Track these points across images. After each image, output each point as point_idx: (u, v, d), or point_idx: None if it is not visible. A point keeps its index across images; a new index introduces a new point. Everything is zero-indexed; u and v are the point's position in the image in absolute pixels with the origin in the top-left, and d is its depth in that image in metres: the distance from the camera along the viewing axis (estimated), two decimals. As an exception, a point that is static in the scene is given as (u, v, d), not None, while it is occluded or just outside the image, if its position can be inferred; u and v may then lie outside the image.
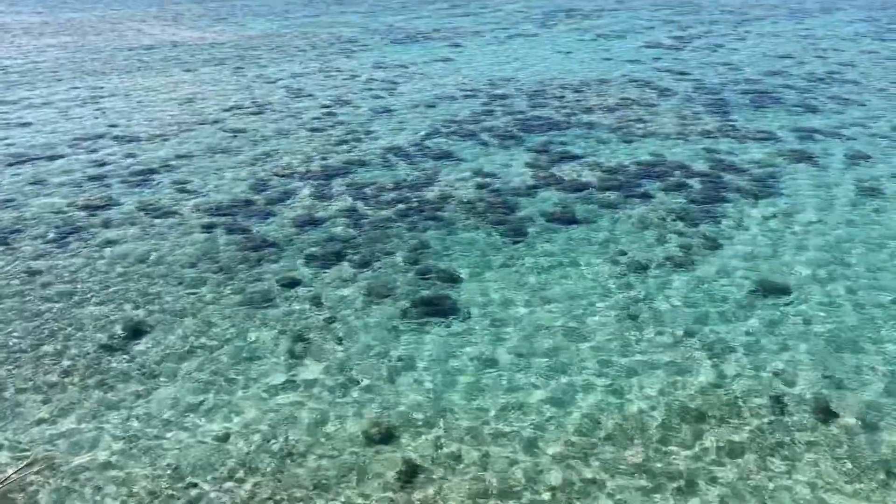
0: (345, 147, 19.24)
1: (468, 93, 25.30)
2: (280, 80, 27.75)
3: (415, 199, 15.55)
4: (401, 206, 15.22)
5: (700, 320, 10.72)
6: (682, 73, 27.93)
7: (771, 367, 9.57)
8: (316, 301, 11.44)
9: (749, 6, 50.93)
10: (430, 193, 15.88)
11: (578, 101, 23.89)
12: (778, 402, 8.87)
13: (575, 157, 18.09)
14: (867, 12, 46.17)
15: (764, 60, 30.26)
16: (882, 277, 11.87)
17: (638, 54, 32.37)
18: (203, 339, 10.40)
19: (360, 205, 15.32)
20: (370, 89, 26.14)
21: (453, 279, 12.08)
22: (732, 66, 29.29)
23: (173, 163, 18.00)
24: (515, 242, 13.44)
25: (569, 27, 41.72)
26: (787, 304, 11.09)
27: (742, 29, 39.78)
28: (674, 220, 14.25)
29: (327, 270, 12.46)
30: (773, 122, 20.85)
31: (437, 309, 11.16)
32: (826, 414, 8.68)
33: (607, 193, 15.70)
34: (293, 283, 12.00)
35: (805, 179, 16.28)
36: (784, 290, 11.50)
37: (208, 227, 14.19)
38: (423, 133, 20.35)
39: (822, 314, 10.81)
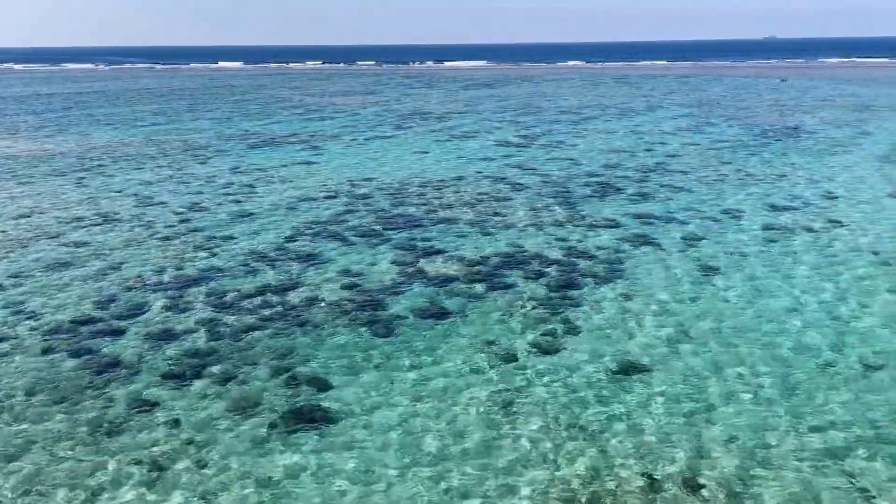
0: (202, 254, 18.53)
1: (330, 194, 25.42)
2: (127, 189, 26.63)
3: (279, 305, 15.09)
4: (265, 312, 14.70)
5: (569, 405, 10.93)
6: (531, 169, 29.69)
7: (644, 446, 9.84)
8: (174, 423, 10.58)
9: (584, 107, 55.71)
10: (296, 297, 15.50)
11: (438, 197, 24.64)
12: (651, 480, 9.07)
13: (439, 252, 18.45)
14: (686, 109, 51.85)
15: (602, 155, 32.88)
16: (730, 348, 12.74)
17: (489, 152, 34.18)
18: (43, 482, 9.24)
19: (220, 314, 14.64)
20: (228, 194, 25.64)
21: (324, 386, 11.66)
22: (575, 160, 31.57)
23: (4, 283, 16.49)
24: (386, 341, 13.27)
25: (424, 129, 43.54)
26: (649, 382, 11.58)
27: (580, 127, 43.26)
28: (536, 308, 14.71)
29: (186, 388, 11.64)
30: (616, 211, 22.45)
31: (309, 419, 10.66)
32: (694, 488, 8.96)
33: (472, 285, 16.03)
34: (148, 406, 11.08)
35: (650, 261, 17.47)
36: (644, 369, 12.03)
37: (47, 351, 12.95)
38: (285, 236, 20.07)
39: (682, 388, 11.36)
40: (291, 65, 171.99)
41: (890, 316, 13.94)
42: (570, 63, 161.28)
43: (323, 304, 15.13)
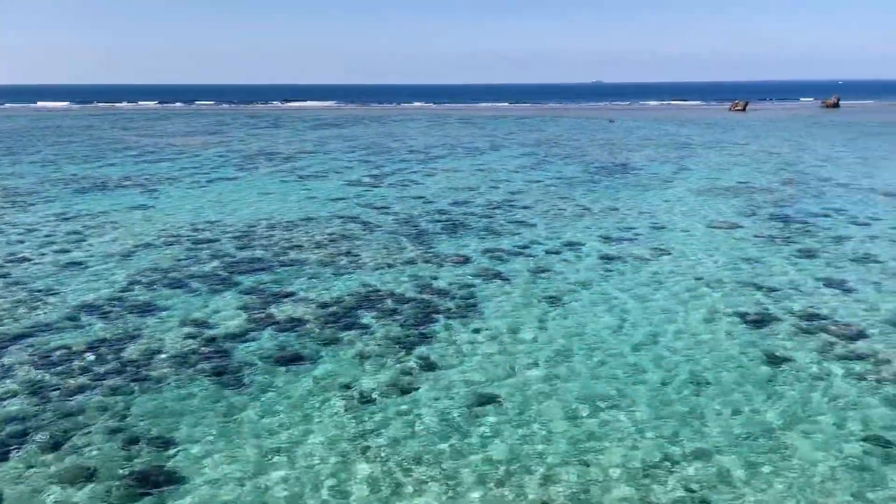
0: (22, 310, 16.83)
1: (169, 240, 24.09)
2: (-66, 240, 23.78)
3: (114, 360, 13.96)
4: (98, 369, 13.52)
5: (427, 443, 10.90)
6: (382, 208, 29.85)
7: (499, 477, 9.97)
8: (-10, 501, 9.39)
9: (431, 146, 57.10)
10: (133, 351, 14.41)
11: (287, 239, 24.08)
12: (510, 511, 9.20)
13: (289, 295, 17.95)
14: (527, 148, 54.58)
15: (450, 192, 33.75)
16: (579, 375, 13.32)
17: (340, 192, 34.02)
18: None
19: (46, 374, 13.29)
20: (53, 243, 23.59)
21: (167, 445, 10.85)
22: (425, 198, 32.15)
23: None
24: (235, 392, 12.63)
25: (270, 169, 42.60)
26: (504, 413, 11.82)
27: (429, 166, 44.23)
28: (391, 347, 14.65)
29: (8, 459, 10.39)
30: (466, 246, 23.02)
31: (153, 483, 9.85)
32: (552, 512, 9.20)
33: (325, 328, 15.70)
34: (-43, 484, 9.75)
35: (500, 295, 18.01)
36: (498, 401, 12.28)
37: None
38: (120, 286, 18.70)
39: (536, 418, 11.69)
40: (122, 104, 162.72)
41: (714, 337, 15.21)
42: (416, 104, 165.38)
43: (164, 356, 14.17)
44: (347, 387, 12.83)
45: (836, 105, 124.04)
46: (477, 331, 15.57)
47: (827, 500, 9.38)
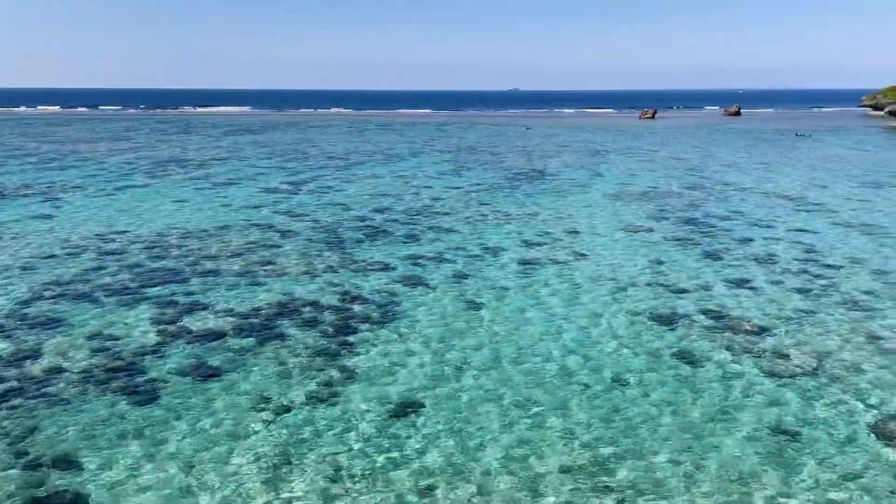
0: None
1: (74, 251, 22.91)
2: None
3: (15, 379, 13.13)
4: (-5, 390, 12.67)
5: (351, 451, 10.74)
6: (300, 215, 29.36)
7: (427, 480, 9.93)
8: None
9: (350, 153, 56.66)
10: (36, 368, 13.60)
11: (201, 249, 23.32)
12: (436, 518, 9.17)
13: (204, 307, 17.37)
14: (446, 155, 54.93)
15: (370, 199, 33.55)
16: (501, 376, 13.44)
17: (256, 200, 33.25)
18: None
19: (-64, 398, 12.35)
20: (-57, 257, 22.00)
21: (74, 467, 10.27)
22: (344, 205, 31.83)
23: None
24: (147, 409, 12.09)
25: (182, 177, 41.21)
26: (428, 417, 11.78)
27: (348, 173, 43.84)
28: (312, 357, 14.39)
29: None
30: (387, 253, 22.92)
31: (56, 508, 9.29)
32: (478, 517, 9.22)
33: (243, 339, 15.27)
34: None
35: (422, 301, 18.00)
36: (421, 405, 12.25)
37: None
38: (20, 300, 17.62)
39: (461, 420, 11.72)
40: (21, 109, 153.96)
41: (632, 337, 15.68)
42: (334, 110, 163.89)
43: (69, 373, 13.43)
44: (268, 399, 12.52)
45: (737, 113, 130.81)
46: (397, 336, 15.50)
47: (747, 491, 9.79)
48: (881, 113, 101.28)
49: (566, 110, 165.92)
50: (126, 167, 45.79)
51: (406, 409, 12.16)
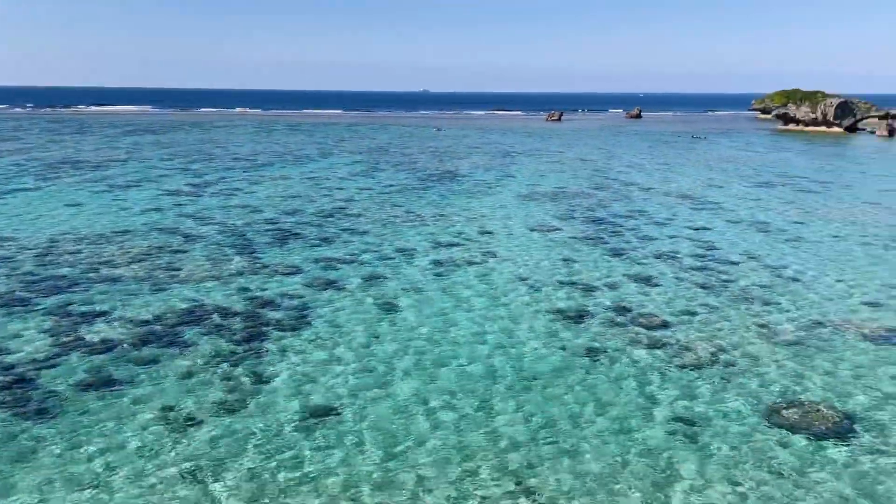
0: None
1: (-45, 259, 21.30)
2: None
3: None
4: None
5: (264, 464, 10.47)
6: (206, 218, 28.41)
7: (349, 492, 9.80)
8: None
9: (258, 154, 55.32)
10: (-90, 388, 12.54)
11: (98, 255, 22.17)
12: (349, 523, 9.05)
13: (102, 315, 16.53)
14: (358, 156, 54.49)
15: (280, 201, 32.86)
16: (417, 377, 13.43)
17: (158, 202, 31.94)
18: None
19: None
20: None
21: (-44, 491, 9.53)
22: (252, 208, 31.04)
23: None
24: (39, 424, 11.38)
25: (76, 179, 39.10)
26: (344, 423, 11.63)
27: (256, 174, 42.78)
28: (220, 365, 13.94)
29: None
30: (298, 257, 22.50)
31: (-65, 537, 8.60)
32: (392, 520, 9.16)
33: (145, 348, 14.62)
34: None
35: (335, 304, 17.77)
36: (338, 411, 12.08)
37: None
38: None
39: (379, 424, 11.62)
40: None
41: (539, 334, 16.01)
42: (238, 109, 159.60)
43: (-49, 391, 12.47)
44: (170, 409, 12.03)
45: (638, 116, 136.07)
46: (311, 341, 15.25)
47: (657, 481, 10.16)
48: (769, 116, 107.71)
49: (476, 112, 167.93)
50: (15, 169, 43.02)
51: (315, 413, 11.96)
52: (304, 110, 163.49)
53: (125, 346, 14.76)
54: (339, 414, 11.98)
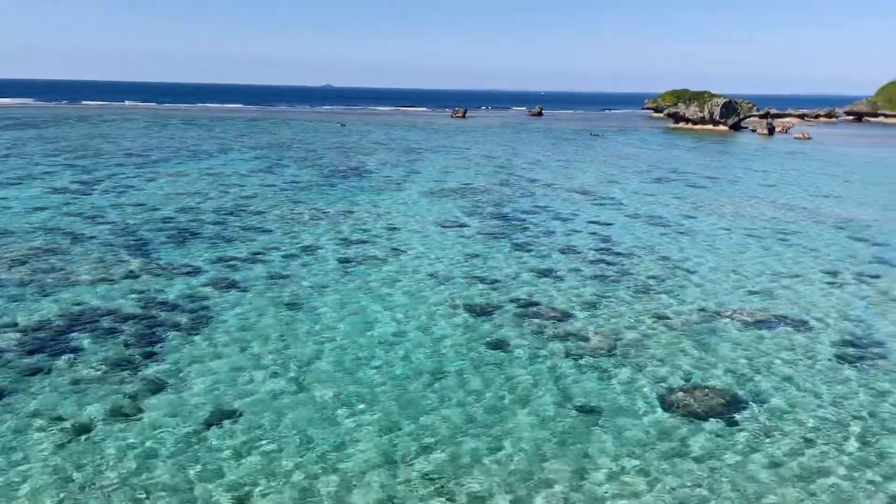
0: None
1: None
2: None
3: None
4: None
5: (162, 473, 9.97)
6: (95, 217, 26.86)
7: (257, 497, 9.46)
8: None
9: (151, 149, 52.86)
10: None
11: (-26, 257, 20.51)
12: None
13: (-20, 323, 15.29)
14: (258, 151, 53.01)
15: (176, 199, 31.50)
16: (328, 378, 13.15)
17: (43, 201, 29.92)
18: None
19: None
20: None
21: None
22: (146, 205, 29.60)
23: None
24: None
25: (-52, 176, 36.08)
26: (247, 428, 11.24)
27: (149, 170, 40.85)
28: (112, 371, 13.19)
29: None
30: (196, 256, 21.63)
31: None
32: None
33: (29, 356, 13.63)
34: None
35: (237, 305, 17.18)
36: (239, 415, 11.67)
37: None
38: None
39: (285, 428, 11.29)
40: None
41: (449, 329, 16.06)
42: (129, 103, 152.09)
43: None
44: (59, 419, 11.27)
45: (539, 114, 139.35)
46: (213, 344, 14.67)
47: (557, 468, 10.36)
48: (661, 115, 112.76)
49: (381, 108, 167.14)
50: None
51: (218, 418, 11.51)
52: (201, 104, 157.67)
53: (10, 354, 13.71)
54: (242, 418, 11.57)
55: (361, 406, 12.11)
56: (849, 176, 47.70)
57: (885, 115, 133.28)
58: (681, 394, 12.95)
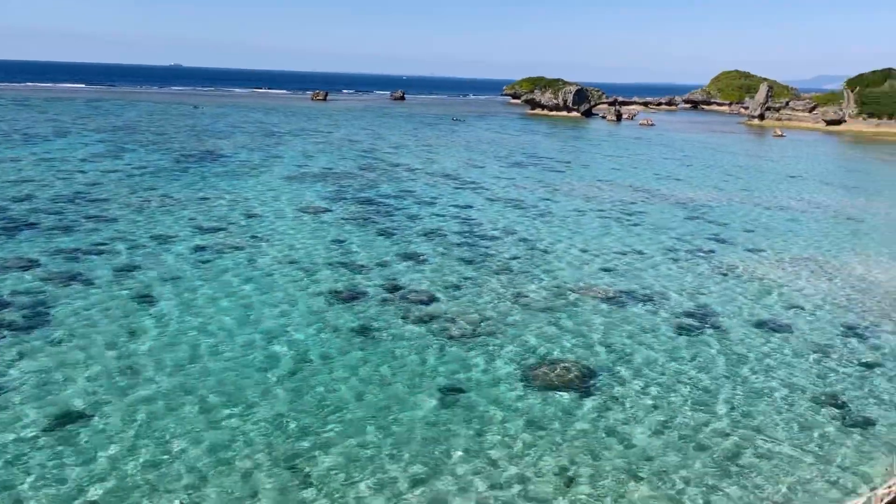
0: None
1: None
2: None
3: None
4: None
5: (4, 480, 9.13)
6: None
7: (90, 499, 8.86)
8: None
9: (-24, 131, 47.75)
10: None
11: None
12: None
13: None
14: (101, 135, 49.26)
15: (8, 187, 28.70)
16: (184, 374, 12.52)
17: None
18: None
19: None
20: None
21: None
22: (-29, 194, 26.75)
23: None
24: None
25: None
26: (96, 427, 10.51)
27: (-26, 155, 36.91)
28: (-64, 379, 11.86)
29: None
30: (33, 248, 19.86)
31: None
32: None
33: None
34: None
35: (80, 300, 15.96)
36: (81, 415, 10.89)
37: None
38: None
39: (137, 428, 10.65)
40: None
41: (315, 317, 15.80)
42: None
43: None
44: None
45: (402, 98, 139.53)
46: (54, 343, 13.56)
47: (426, 450, 10.49)
48: (519, 101, 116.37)
49: (238, 90, 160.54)
50: None
51: (63, 420, 10.68)
52: (34, 83, 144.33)
53: None
54: (89, 420, 10.81)
55: (219, 400, 11.66)
56: (687, 160, 51.62)
57: (717, 104, 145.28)
58: (539, 369, 13.52)
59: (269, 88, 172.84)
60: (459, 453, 10.50)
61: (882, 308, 18.37)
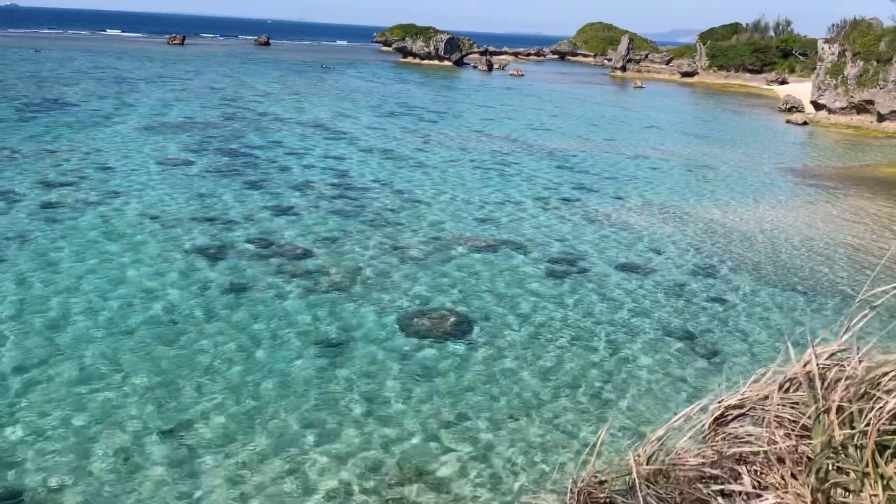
0: None
1: None
2: None
3: None
4: None
5: None
6: None
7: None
8: None
9: None
10: None
11: None
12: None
13: None
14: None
15: None
16: (33, 342, 11.49)
17: None
18: None
19: None
20: None
21: None
22: None
23: None
24: None
25: None
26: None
27: None
28: None
29: None
30: None
31: None
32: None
33: None
34: None
35: None
36: (-82, 398, 9.78)
37: None
38: None
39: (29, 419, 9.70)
40: None
41: (178, 275, 14.95)
42: None
43: None
44: None
45: (266, 43, 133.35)
46: None
47: (302, 407, 10.25)
48: (390, 49, 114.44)
49: (83, 32, 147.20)
50: None
51: None
52: None
53: None
54: (-75, 400, 9.72)
55: (72, 369, 10.82)
56: (555, 110, 52.99)
57: (583, 55, 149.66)
58: (417, 319, 13.55)
59: (121, 31, 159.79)
60: (337, 406, 10.35)
61: (737, 250, 19.86)
